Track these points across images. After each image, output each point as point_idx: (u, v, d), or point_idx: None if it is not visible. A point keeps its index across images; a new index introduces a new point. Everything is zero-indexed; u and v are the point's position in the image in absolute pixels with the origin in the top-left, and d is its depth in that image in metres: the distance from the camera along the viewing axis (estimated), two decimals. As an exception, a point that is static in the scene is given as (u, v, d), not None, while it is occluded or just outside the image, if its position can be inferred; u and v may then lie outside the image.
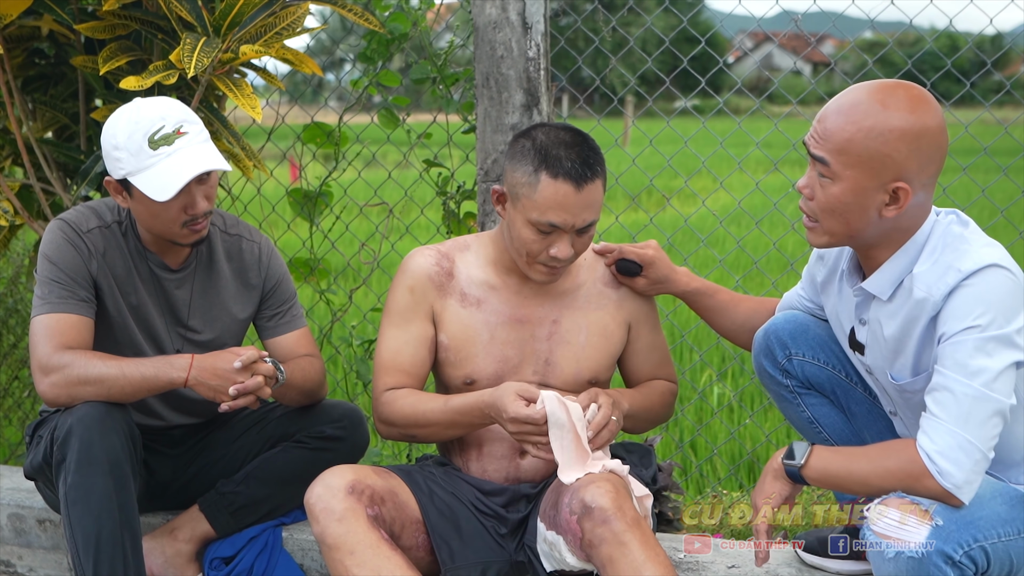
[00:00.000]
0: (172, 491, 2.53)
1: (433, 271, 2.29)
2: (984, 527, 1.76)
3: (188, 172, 2.17)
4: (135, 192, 2.22)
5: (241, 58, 2.52)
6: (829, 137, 1.84)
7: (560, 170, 2.08)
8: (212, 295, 2.44)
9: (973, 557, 1.74)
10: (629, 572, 1.93)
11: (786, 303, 2.34)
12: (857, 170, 1.82)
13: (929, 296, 1.84)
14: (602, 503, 1.98)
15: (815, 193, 1.89)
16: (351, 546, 2.00)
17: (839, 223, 1.88)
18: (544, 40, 2.81)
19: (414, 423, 2.21)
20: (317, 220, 3.28)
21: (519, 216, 2.14)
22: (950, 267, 1.82)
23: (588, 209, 2.12)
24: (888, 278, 1.92)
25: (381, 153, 3.62)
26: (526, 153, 2.13)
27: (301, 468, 2.44)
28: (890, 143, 1.80)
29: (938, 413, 1.78)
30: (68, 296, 2.26)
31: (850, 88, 1.89)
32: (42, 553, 2.72)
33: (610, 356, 2.32)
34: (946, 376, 1.79)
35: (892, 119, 1.80)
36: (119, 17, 2.66)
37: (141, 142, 2.18)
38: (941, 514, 1.75)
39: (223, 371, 2.17)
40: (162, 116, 2.21)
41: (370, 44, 3.09)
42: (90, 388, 2.17)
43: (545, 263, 2.17)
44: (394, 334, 2.29)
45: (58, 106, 3.02)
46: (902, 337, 1.92)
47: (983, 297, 1.78)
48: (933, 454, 1.76)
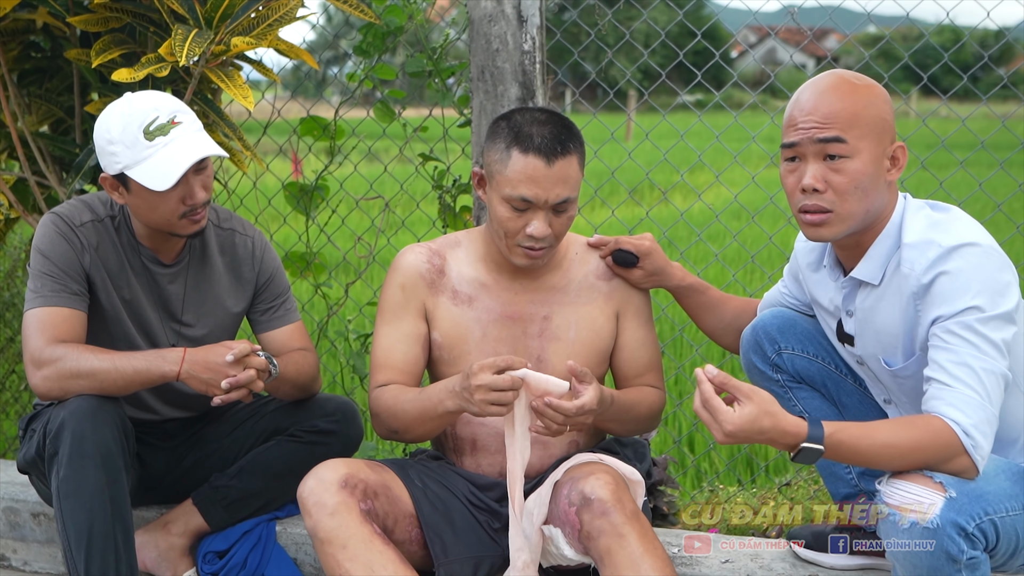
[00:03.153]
0: (165, 485, 2.53)
1: (424, 268, 2.29)
2: (993, 501, 1.78)
3: (187, 159, 2.17)
4: (133, 185, 2.21)
5: (233, 50, 2.51)
6: (834, 118, 1.89)
7: (530, 145, 2.10)
8: (205, 289, 2.44)
9: (984, 530, 1.76)
10: (627, 564, 1.93)
11: (767, 302, 2.37)
12: (869, 140, 1.89)
13: (912, 271, 1.88)
14: (601, 495, 1.98)
15: (830, 181, 1.91)
16: (344, 540, 2.00)
17: (859, 201, 1.91)
18: (540, 33, 2.80)
19: (392, 415, 2.20)
20: (313, 214, 3.27)
21: (495, 195, 2.16)
22: (931, 242, 1.87)
23: (560, 184, 2.11)
24: (876, 262, 1.96)
25: (377, 147, 3.60)
26: (500, 132, 2.16)
27: (295, 462, 2.43)
28: (882, 108, 1.92)
29: (959, 386, 1.79)
30: (61, 290, 2.25)
31: (811, 81, 1.97)
32: (36, 547, 2.72)
33: (600, 351, 2.30)
34: (958, 352, 1.81)
35: (872, 89, 1.93)
36: (111, 10, 2.65)
37: (136, 134, 2.17)
38: (954, 487, 1.76)
39: (215, 365, 2.17)
40: (155, 107, 2.20)
41: (366, 37, 3.08)
42: (82, 381, 2.16)
43: (523, 244, 2.16)
44: (387, 331, 2.29)
45: (53, 100, 3.01)
46: (894, 319, 1.95)
47: (974, 276, 1.82)
48: (969, 427, 1.78)
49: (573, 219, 2.21)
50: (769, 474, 3.30)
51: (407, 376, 2.26)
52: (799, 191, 1.94)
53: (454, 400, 2.06)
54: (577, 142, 2.16)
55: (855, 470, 2.24)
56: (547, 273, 2.30)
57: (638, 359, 2.33)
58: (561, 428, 2.02)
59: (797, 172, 1.95)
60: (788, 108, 1.98)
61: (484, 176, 2.21)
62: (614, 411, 2.16)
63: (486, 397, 1.98)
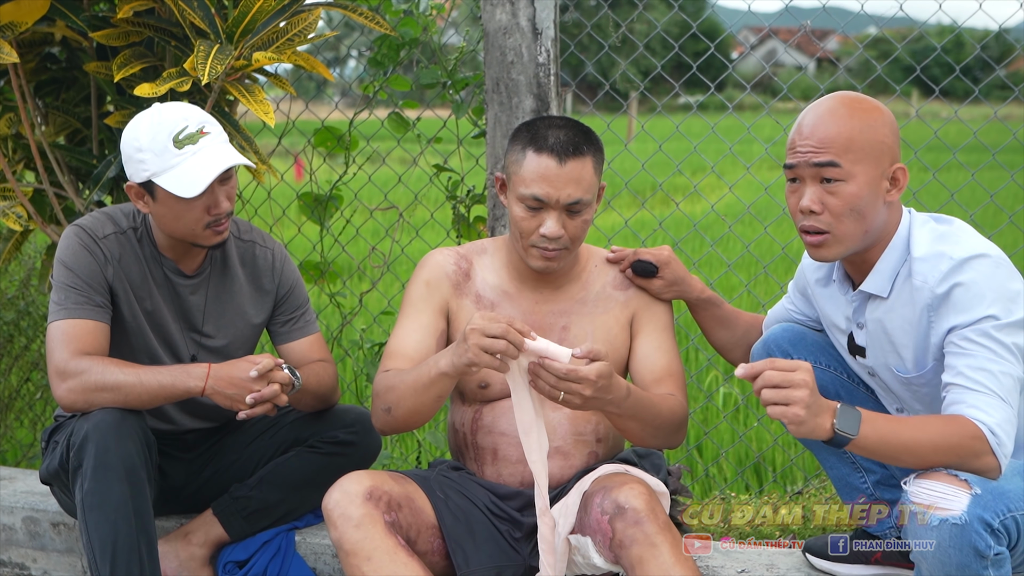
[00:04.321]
0: (185, 495, 2.55)
1: (451, 269, 2.34)
2: (1014, 499, 1.82)
3: (216, 168, 2.20)
4: (159, 193, 2.24)
5: (254, 65, 2.53)
6: (830, 142, 1.95)
7: (544, 145, 2.17)
8: (226, 300, 2.46)
9: (1007, 526, 1.80)
10: (658, 573, 1.96)
11: (773, 319, 2.42)
12: (865, 163, 1.95)
13: (925, 284, 1.94)
14: (636, 504, 2.02)
15: (826, 203, 1.97)
16: (368, 552, 2.02)
17: (856, 223, 1.97)
18: (554, 46, 2.83)
19: (388, 390, 2.17)
20: (327, 224, 3.30)
21: (512, 195, 2.22)
22: (943, 255, 1.93)
23: (572, 184, 2.15)
24: (884, 275, 2.02)
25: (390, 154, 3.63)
26: (520, 135, 2.23)
27: (314, 473, 2.46)
28: (880, 132, 1.97)
29: (981, 389, 1.85)
30: (84, 302, 2.28)
31: (814, 104, 2.03)
32: (56, 556, 2.74)
33: (617, 362, 2.32)
34: (976, 357, 1.87)
35: (871, 113, 1.98)
36: (133, 24, 2.67)
37: (166, 142, 2.20)
38: (979, 484, 1.80)
39: (240, 380, 2.19)
40: (184, 117, 2.24)
41: (380, 48, 3.10)
42: (107, 395, 2.19)
43: (537, 245, 2.19)
44: (405, 323, 2.31)
45: (70, 110, 3.04)
46: (906, 329, 2.00)
47: (987, 286, 1.89)
48: (994, 426, 1.83)
49: (589, 224, 2.23)
50: (779, 481, 3.33)
51: (414, 365, 2.22)
52: (799, 211, 2.01)
53: (447, 357, 2.04)
54: (593, 147, 2.21)
55: (870, 479, 2.27)
56: (567, 284, 2.33)
57: (654, 363, 2.30)
58: (553, 392, 1.98)
59: (797, 193, 2.02)
60: (792, 130, 2.05)
61: (504, 180, 2.27)
62: (631, 405, 2.08)
63: (479, 342, 1.96)
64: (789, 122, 2.17)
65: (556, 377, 1.97)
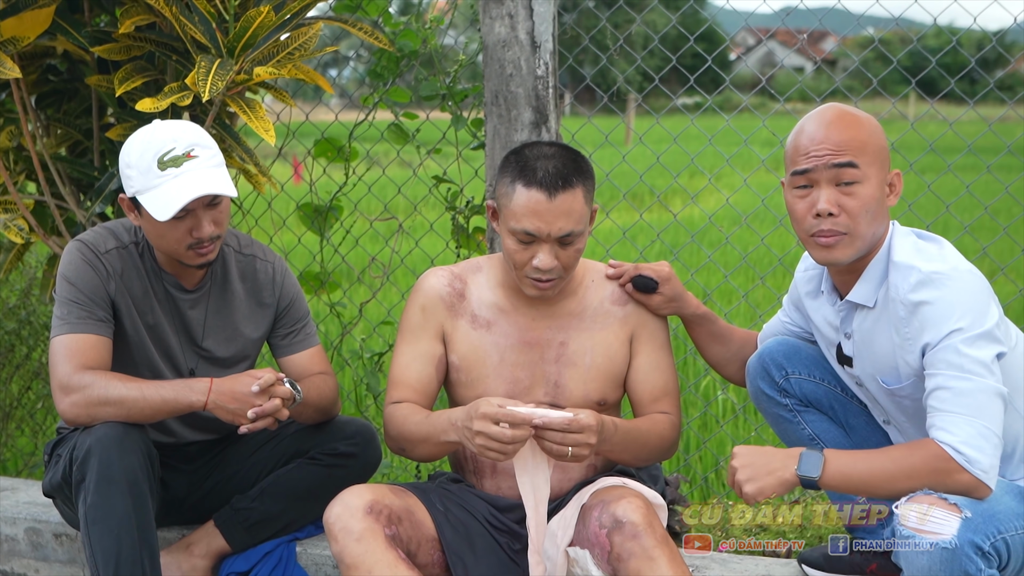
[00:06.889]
0: (187, 506, 2.57)
1: (445, 291, 2.34)
2: (1004, 520, 1.84)
3: (188, 194, 2.20)
4: (143, 211, 2.26)
5: (255, 79, 2.55)
6: (846, 145, 1.99)
7: (533, 179, 2.16)
8: (226, 315, 2.48)
9: (998, 548, 1.82)
10: None
11: (768, 333, 2.45)
12: (876, 167, 2.01)
13: (896, 294, 1.98)
14: (633, 518, 2.04)
15: (843, 205, 2.00)
16: (369, 566, 2.04)
17: (869, 224, 2.01)
18: (553, 59, 2.84)
19: (400, 434, 2.27)
20: (327, 234, 3.31)
21: (504, 227, 2.23)
22: (912, 267, 1.97)
23: (563, 217, 2.16)
24: (870, 285, 2.05)
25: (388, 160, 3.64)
26: (509, 166, 2.22)
27: (315, 484, 2.48)
28: (882, 138, 2.04)
29: (947, 408, 1.88)
30: (87, 316, 2.29)
31: (813, 114, 2.07)
32: (58, 567, 2.75)
33: (615, 377, 2.34)
34: (944, 376, 1.90)
35: (872, 121, 2.05)
36: (134, 39, 2.69)
37: (151, 162, 2.22)
38: (968, 507, 1.82)
39: (241, 395, 2.21)
40: (174, 138, 2.24)
41: (379, 61, 3.12)
42: (110, 409, 2.21)
43: (531, 276, 2.21)
44: (404, 350, 2.35)
45: (71, 122, 3.05)
46: (889, 340, 2.03)
47: (955, 301, 1.91)
48: (958, 444, 1.85)
49: (581, 251, 2.25)
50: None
51: (420, 395, 2.32)
52: (811, 216, 2.02)
53: (457, 434, 2.12)
54: (583, 176, 2.20)
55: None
56: (564, 300, 2.34)
57: (652, 382, 2.35)
58: (562, 448, 2.05)
59: (809, 198, 2.02)
60: (794, 139, 2.07)
61: (496, 209, 2.27)
62: (620, 439, 2.18)
63: (485, 444, 2.04)
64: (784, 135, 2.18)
65: (560, 433, 2.04)
